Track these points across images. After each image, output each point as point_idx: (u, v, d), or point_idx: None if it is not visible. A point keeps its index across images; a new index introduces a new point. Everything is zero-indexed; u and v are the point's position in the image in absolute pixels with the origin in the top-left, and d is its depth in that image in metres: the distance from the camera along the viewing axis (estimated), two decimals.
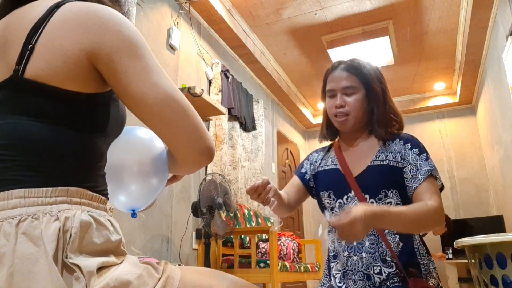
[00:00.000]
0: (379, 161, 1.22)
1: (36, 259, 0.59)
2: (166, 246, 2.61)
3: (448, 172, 5.36)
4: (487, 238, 1.47)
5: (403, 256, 1.16)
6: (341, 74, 1.27)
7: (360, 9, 3.63)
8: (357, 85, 1.25)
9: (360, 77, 1.25)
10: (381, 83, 1.27)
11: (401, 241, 1.18)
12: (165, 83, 0.71)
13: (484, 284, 1.53)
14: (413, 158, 1.20)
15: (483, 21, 3.46)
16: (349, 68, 1.26)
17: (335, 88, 1.27)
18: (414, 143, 1.24)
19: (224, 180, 2.64)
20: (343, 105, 1.24)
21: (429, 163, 1.19)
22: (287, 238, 3.27)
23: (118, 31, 0.69)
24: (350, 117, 1.24)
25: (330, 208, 1.28)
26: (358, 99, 1.24)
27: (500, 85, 3.65)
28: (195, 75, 3.25)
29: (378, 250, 1.16)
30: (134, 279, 0.65)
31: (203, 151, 0.73)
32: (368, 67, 1.28)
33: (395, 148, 1.24)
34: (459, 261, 4.37)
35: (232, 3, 3.48)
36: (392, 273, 1.14)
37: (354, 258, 1.18)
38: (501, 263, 1.42)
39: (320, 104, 5.86)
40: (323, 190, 1.31)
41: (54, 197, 0.64)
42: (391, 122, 1.26)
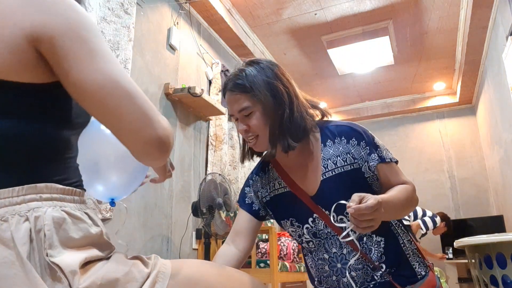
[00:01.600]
0: (330, 172, 1.11)
1: (11, 262, 0.57)
2: (166, 246, 2.61)
3: (448, 172, 5.36)
4: (487, 238, 1.47)
5: (389, 253, 1.10)
6: (232, 97, 1.12)
7: (360, 9, 3.63)
8: (250, 104, 1.09)
9: (250, 94, 1.08)
10: (275, 91, 1.09)
11: (384, 241, 1.11)
12: (109, 68, 0.65)
13: (484, 284, 1.53)
14: (364, 155, 1.11)
15: (483, 21, 3.46)
16: (236, 86, 1.10)
17: (233, 112, 1.13)
18: (358, 136, 1.13)
19: (224, 180, 2.64)
20: (247, 129, 1.11)
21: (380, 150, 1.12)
22: (287, 238, 3.27)
23: (62, 14, 0.64)
24: (260, 138, 1.11)
25: (297, 235, 1.16)
26: (258, 118, 1.09)
27: (500, 85, 3.65)
28: (195, 75, 3.25)
29: (365, 263, 1.09)
30: (121, 276, 0.64)
31: (150, 141, 0.66)
32: (257, 77, 1.09)
33: (341, 149, 1.13)
34: (459, 261, 4.37)
35: (232, 3, 3.48)
36: (383, 273, 1.09)
37: (344, 280, 1.09)
38: (501, 263, 1.42)
39: (320, 104, 5.85)
40: (283, 219, 1.18)
41: (22, 195, 0.61)
42: (295, 130, 1.10)
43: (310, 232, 1.13)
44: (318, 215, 1.11)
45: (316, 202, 1.11)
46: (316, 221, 1.12)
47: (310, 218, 1.13)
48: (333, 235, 1.11)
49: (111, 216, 2.12)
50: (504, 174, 4.17)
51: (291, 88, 1.13)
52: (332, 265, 1.12)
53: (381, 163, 1.12)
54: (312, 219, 1.13)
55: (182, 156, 2.94)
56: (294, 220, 1.16)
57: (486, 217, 4.72)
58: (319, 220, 1.12)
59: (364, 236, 1.10)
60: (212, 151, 3.29)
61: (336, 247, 1.11)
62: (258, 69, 1.11)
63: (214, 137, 3.32)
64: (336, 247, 1.11)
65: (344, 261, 1.10)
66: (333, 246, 1.12)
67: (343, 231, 0.97)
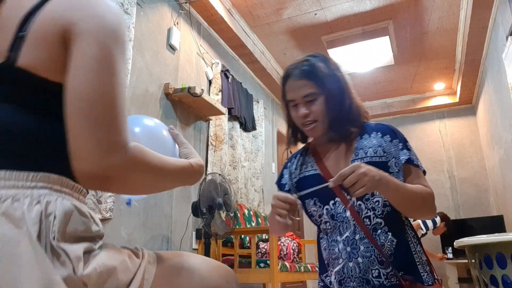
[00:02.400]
0: (359, 159, 1.18)
1: (18, 241, 0.58)
2: (166, 246, 2.61)
3: (448, 172, 5.36)
4: (487, 238, 1.47)
5: (398, 252, 1.14)
6: (298, 82, 1.21)
7: (360, 9, 3.63)
8: (316, 90, 1.19)
9: (316, 81, 1.19)
10: (337, 79, 1.21)
11: (395, 238, 1.15)
12: (106, 89, 0.63)
13: (484, 284, 1.53)
14: (395, 150, 1.19)
15: (483, 21, 3.46)
16: (304, 73, 1.20)
17: (295, 98, 1.22)
18: (393, 134, 1.22)
19: (224, 180, 2.64)
20: (308, 113, 1.20)
21: (411, 153, 1.19)
22: (287, 238, 3.27)
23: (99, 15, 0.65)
24: (318, 123, 1.20)
25: (318, 215, 1.23)
26: (321, 104, 1.19)
27: (500, 85, 3.65)
28: (195, 75, 3.25)
29: (374, 253, 1.13)
30: (118, 264, 0.67)
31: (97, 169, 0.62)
32: (322, 65, 1.21)
33: (374, 142, 1.21)
34: (459, 261, 4.37)
35: (232, 3, 3.48)
36: (390, 273, 1.11)
37: (350, 264, 1.14)
38: (501, 263, 1.42)
39: None
40: (307, 198, 1.25)
41: (35, 181, 0.64)
42: (351, 119, 1.22)
43: (329, 213, 1.20)
44: (340, 198, 1.18)
45: (340, 186, 1.13)
46: (337, 204, 1.19)
47: (331, 200, 1.20)
48: (349, 220, 1.16)
49: (111, 216, 2.12)
50: (504, 174, 4.17)
51: (346, 86, 1.23)
52: (342, 248, 1.16)
53: (409, 164, 1.18)
54: (333, 202, 1.20)
55: None
56: (317, 200, 1.23)
57: (486, 217, 4.72)
58: (339, 204, 1.19)
59: (379, 229, 1.15)
60: (212, 151, 3.29)
61: (349, 232, 1.16)
62: (321, 60, 1.22)
63: (214, 137, 3.32)
64: (349, 232, 1.16)
65: (354, 246, 1.15)
66: (347, 230, 1.17)
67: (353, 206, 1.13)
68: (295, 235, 3.41)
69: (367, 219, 1.15)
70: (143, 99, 2.57)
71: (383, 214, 1.15)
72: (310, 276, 3.30)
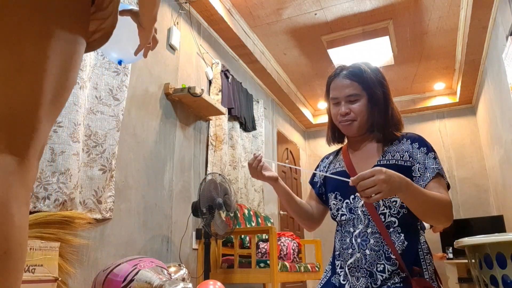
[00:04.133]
0: (385, 161, 1.25)
1: None
2: (166, 246, 2.61)
3: (448, 172, 5.36)
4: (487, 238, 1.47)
5: (407, 255, 1.17)
6: (344, 82, 1.29)
7: (360, 9, 3.63)
8: (360, 92, 1.27)
9: (362, 83, 1.28)
10: (382, 86, 1.30)
11: (406, 240, 1.18)
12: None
13: (484, 284, 1.53)
14: (421, 157, 1.23)
15: (483, 21, 3.46)
16: (351, 75, 1.29)
17: (339, 96, 1.30)
18: (422, 142, 1.26)
19: (224, 180, 2.64)
20: (348, 112, 1.28)
21: (437, 162, 1.22)
22: (287, 238, 3.27)
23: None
24: (356, 122, 1.28)
25: (336, 209, 1.31)
26: (362, 105, 1.27)
27: (500, 85, 3.65)
28: (195, 75, 3.25)
29: (382, 248, 1.17)
30: None
31: None
32: (369, 71, 1.30)
33: (403, 147, 1.27)
34: (459, 261, 4.37)
35: (232, 3, 3.48)
36: (394, 271, 1.15)
37: (358, 255, 1.20)
38: (501, 263, 1.42)
39: (320, 104, 5.85)
40: (330, 192, 1.34)
41: None
42: (392, 124, 1.29)
43: (347, 207, 1.27)
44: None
45: None
46: (356, 199, 1.26)
47: (352, 195, 1.27)
48: (365, 214, 1.23)
49: (111, 216, 2.13)
50: (504, 174, 4.17)
51: (389, 93, 1.33)
52: (354, 239, 1.23)
53: (436, 175, 1.21)
54: (353, 197, 1.27)
55: (182, 156, 2.94)
56: (339, 194, 1.31)
57: (486, 217, 4.72)
58: (358, 199, 1.25)
59: (391, 227, 1.20)
60: (212, 151, 3.29)
61: (363, 225, 1.23)
62: (370, 68, 1.31)
63: (214, 137, 3.32)
64: (363, 225, 1.23)
65: (365, 238, 1.21)
66: (361, 223, 1.23)
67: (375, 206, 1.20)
68: (295, 235, 3.41)
69: (382, 215, 1.21)
70: (143, 99, 2.57)
71: (398, 215, 1.20)
72: (310, 276, 3.30)
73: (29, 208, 0.61)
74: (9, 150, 0.57)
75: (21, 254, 0.56)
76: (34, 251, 1.47)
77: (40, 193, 1.76)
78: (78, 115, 1.93)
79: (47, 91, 0.62)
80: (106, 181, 2.11)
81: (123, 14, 1.00)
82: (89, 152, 2.06)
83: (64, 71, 0.66)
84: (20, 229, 0.56)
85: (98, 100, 2.16)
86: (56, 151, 1.83)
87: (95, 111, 2.13)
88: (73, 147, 1.88)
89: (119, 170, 2.27)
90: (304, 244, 3.74)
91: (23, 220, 0.57)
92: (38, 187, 1.76)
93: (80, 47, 0.70)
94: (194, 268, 2.85)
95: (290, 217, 5.13)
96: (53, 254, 1.54)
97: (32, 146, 0.60)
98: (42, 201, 1.75)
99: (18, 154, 0.58)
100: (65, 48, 0.65)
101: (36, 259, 1.47)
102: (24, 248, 0.57)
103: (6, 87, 0.58)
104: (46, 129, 0.64)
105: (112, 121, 2.18)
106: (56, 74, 0.64)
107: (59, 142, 1.84)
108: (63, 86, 0.66)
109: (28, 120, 0.60)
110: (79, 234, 1.89)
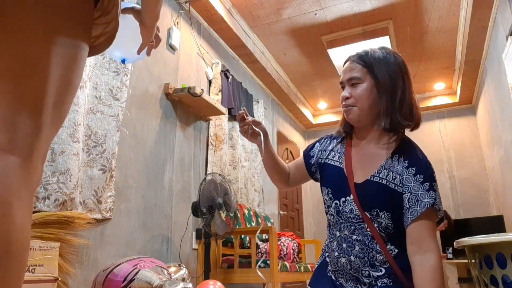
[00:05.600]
0: (378, 178, 1.16)
1: None
2: (166, 246, 2.61)
3: (448, 172, 5.36)
4: (487, 238, 1.47)
5: (399, 261, 1.14)
6: (348, 65, 1.23)
7: (360, 9, 3.63)
8: (363, 75, 1.19)
9: (367, 67, 1.19)
10: (390, 70, 1.18)
11: (396, 249, 1.15)
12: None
13: (484, 284, 1.53)
14: (415, 186, 1.11)
15: (483, 21, 3.46)
16: (357, 57, 1.22)
17: (343, 80, 1.23)
18: (419, 169, 1.13)
19: (224, 180, 2.64)
20: (349, 96, 1.20)
21: (431, 195, 1.10)
22: (287, 238, 3.27)
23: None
24: (356, 108, 1.19)
25: (327, 206, 1.27)
26: (364, 89, 1.18)
27: (500, 85, 3.65)
28: (195, 75, 3.25)
29: (367, 255, 1.14)
30: None
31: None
32: (378, 53, 1.20)
33: (397, 168, 1.16)
34: (459, 261, 4.37)
35: (232, 3, 3.48)
36: (380, 276, 1.13)
37: (343, 260, 1.18)
38: (501, 263, 1.42)
39: (320, 104, 5.85)
40: (324, 185, 1.29)
41: None
42: (405, 114, 1.17)
43: (336, 208, 1.23)
44: (353, 198, 1.19)
45: (356, 190, 1.19)
46: (346, 203, 1.20)
47: (343, 198, 1.22)
48: (352, 221, 1.18)
49: (111, 216, 2.13)
50: (504, 174, 4.17)
51: (407, 79, 1.21)
52: (339, 243, 1.21)
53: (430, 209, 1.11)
54: (344, 200, 1.21)
55: (182, 156, 2.94)
56: (331, 192, 1.26)
57: (486, 217, 4.72)
58: (349, 203, 1.20)
59: (381, 237, 1.15)
60: (212, 151, 3.29)
61: (349, 231, 1.19)
62: (383, 53, 1.21)
63: (214, 137, 3.32)
64: (349, 231, 1.19)
65: (350, 244, 1.17)
66: (347, 229, 1.19)
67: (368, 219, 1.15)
68: (295, 235, 3.41)
69: (376, 225, 1.16)
70: (143, 99, 2.57)
71: (385, 231, 1.15)
72: (310, 276, 3.30)
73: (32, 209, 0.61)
74: (12, 151, 0.57)
75: (23, 254, 0.56)
76: (34, 251, 1.47)
77: (40, 193, 1.76)
78: (78, 115, 1.93)
79: (50, 94, 0.63)
80: (106, 181, 2.11)
81: (126, 12, 1.00)
82: (89, 152, 2.06)
83: (67, 74, 0.66)
84: (21, 229, 0.56)
85: (98, 100, 2.16)
86: (56, 151, 1.83)
87: (95, 111, 2.13)
88: (73, 147, 1.88)
89: (119, 170, 2.27)
90: (304, 244, 3.74)
91: (25, 220, 0.57)
92: (38, 187, 1.76)
93: (83, 52, 0.70)
94: (194, 268, 2.85)
95: (291, 217, 5.13)
96: (53, 254, 1.54)
97: (36, 148, 0.60)
98: (42, 201, 1.75)
99: (21, 155, 0.58)
100: (68, 52, 0.66)
101: (36, 259, 1.47)
102: (26, 248, 0.57)
103: (9, 88, 0.59)
104: (50, 132, 0.64)
105: (112, 121, 2.18)
106: (59, 77, 0.64)
107: (59, 142, 1.84)
108: (66, 89, 0.66)
109: (32, 122, 0.60)
110: (79, 234, 1.89)
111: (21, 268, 0.56)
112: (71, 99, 0.69)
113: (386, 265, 1.14)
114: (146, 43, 1.01)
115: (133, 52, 1.07)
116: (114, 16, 0.78)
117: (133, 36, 1.04)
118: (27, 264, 0.57)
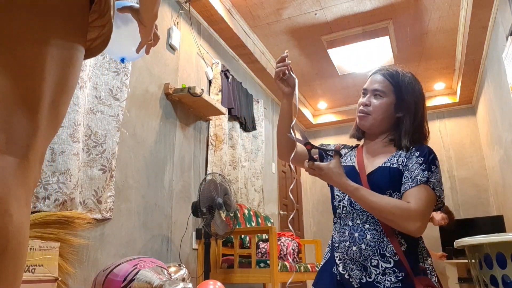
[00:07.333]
0: (389, 163, 1.26)
1: None
2: (166, 246, 2.61)
3: (448, 172, 5.36)
4: (487, 238, 1.47)
5: (407, 256, 1.17)
6: (377, 78, 1.34)
7: (360, 9, 3.63)
8: (388, 91, 1.31)
9: (393, 85, 1.31)
10: (415, 96, 1.31)
11: (405, 243, 1.19)
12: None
13: (484, 284, 1.53)
14: (413, 165, 1.22)
15: (483, 21, 3.46)
16: (387, 74, 1.33)
17: (368, 88, 1.34)
18: (423, 153, 1.24)
19: (224, 180, 2.64)
20: (368, 104, 1.32)
21: (425, 175, 1.18)
22: (287, 238, 3.27)
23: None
24: (371, 117, 1.31)
25: (338, 200, 1.32)
26: (384, 104, 1.30)
27: (500, 85, 3.65)
28: (195, 75, 3.25)
29: (378, 245, 1.18)
30: None
31: None
32: (407, 79, 1.32)
33: (405, 154, 1.28)
34: (459, 261, 4.37)
35: (232, 3, 3.48)
36: (388, 269, 1.15)
37: (354, 248, 1.22)
38: (501, 263, 1.42)
39: (320, 104, 5.85)
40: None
41: None
42: (417, 137, 1.30)
43: (349, 200, 1.29)
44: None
45: (368, 180, 1.27)
46: None
47: None
48: (365, 211, 1.24)
49: (111, 216, 2.13)
50: (504, 174, 4.17)
51: (421, 106, 1.34)
52: (351, 232, 1.25)
53: (422, 185, 1.18)
54: None
55: (182, 156, 2.94)
56: None
57: (486, 217, 4.72)
58: None
59: (391, 228, 1.20)
60: (212, 151, 3.29)
61: (361, 220, 1.25)
62: (410, 78, 1.33)
63: (214, 137, 3.32)
64: (361, 220, 1.25)
65: (362, 233, 1.23)
66: (359, 218, 1.25)
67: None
68: (295, 235, 3.41)
69: None
70: (143, 99, 2.57)
71: None
72: (310, 276, 3.30)
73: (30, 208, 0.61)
74: (9, 151, 0.57)
75: (21, 253, 0.57)
76: (34, 251, 1.47)
77: (40, 193, 1.76)
78: (78, 115, 1.93)
79: (47, 94, 0.63)
80: (106, 181, 2.11)
81: (124, 11, 1.00)
82: (89, 152, 2.06)
83: (63, 75, 0.66)
84: (19, 228, 0.56)
85: (98, 100, 2.16)
86: (56, 151, 1.83)
87: (95, 111, 2.13)
88: (73, 147, 1.88)
89: (119, 170, 2.27)
90: (304, 244, 3.74)
91: (23, 219, 0.57)
92: (38, 187, 1.76)
93: (78, 53, 0.70)
94: (194, 268, 2.85)
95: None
96: (53, 254, 1.54)
97: (32, 148, 0.61)
98: (42, 201, 1.75)
99: (18, 155, 0.58)
100: (63, 53, 0.66)
101: (36, 259, 1.47)
102: (24, 247, 0.57)
103: (4, 89, 0.59)
104: (47, 132, 0.64)
105: (112, 121, 2.18)
106: (55, 78, 0.64)
107: (59, 142, 1.84)
108: (62, 90, 0.66)
109: (28, 122, 0.60)
110: (79, 234, 1.89)
111: (19, 267, 0.57)
112: (68, 99, 0.69)
113: (396, 258, 1.16)
114: (144, 42, 1.02)
115: (132, 51, 1.08)
116: (108, 18, 0.78)
117: (131, 35, 1.05)
118: (26, 263, 0.58)
